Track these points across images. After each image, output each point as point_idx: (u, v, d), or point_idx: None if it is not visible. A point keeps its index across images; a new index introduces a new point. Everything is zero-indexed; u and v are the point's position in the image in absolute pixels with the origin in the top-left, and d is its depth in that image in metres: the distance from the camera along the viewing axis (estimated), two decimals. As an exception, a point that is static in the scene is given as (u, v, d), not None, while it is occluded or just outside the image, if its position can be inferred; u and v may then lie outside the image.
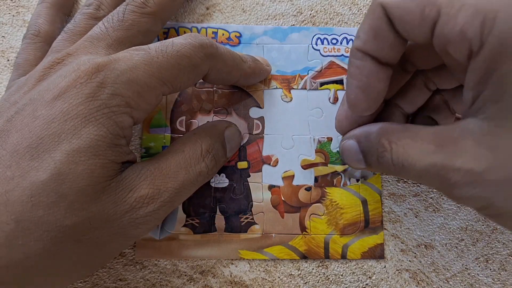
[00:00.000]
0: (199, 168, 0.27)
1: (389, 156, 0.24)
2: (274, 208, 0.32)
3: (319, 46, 0.35)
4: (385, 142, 0.24)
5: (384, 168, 0.25)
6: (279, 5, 0.35)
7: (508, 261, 0.32)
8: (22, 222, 0.21)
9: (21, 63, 0.30)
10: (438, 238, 0.32)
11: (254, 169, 0.33)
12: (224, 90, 0.34)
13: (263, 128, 0.33)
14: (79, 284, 0.31)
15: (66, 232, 0.21)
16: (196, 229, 0.32)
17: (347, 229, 0.32)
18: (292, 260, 0.32)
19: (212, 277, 0.31)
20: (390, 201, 0.33)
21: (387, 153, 0.24)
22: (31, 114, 0.22)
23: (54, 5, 0.33)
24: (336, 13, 0.35)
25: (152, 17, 0.29)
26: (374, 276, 0.31)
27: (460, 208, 0.32)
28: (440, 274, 0.32)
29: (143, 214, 0.24)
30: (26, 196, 0.21)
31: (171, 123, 0.33)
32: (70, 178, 0.21)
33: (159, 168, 0.25)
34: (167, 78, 0.25)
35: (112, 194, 0.23)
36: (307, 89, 0.34)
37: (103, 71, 0.23)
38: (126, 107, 0.23)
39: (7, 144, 0.22)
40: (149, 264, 0.31)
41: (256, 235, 0.32)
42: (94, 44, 0.27)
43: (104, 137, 0.23)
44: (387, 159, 0.24)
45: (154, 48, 0.25)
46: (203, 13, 0.35)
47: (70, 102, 0.22)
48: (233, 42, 0.35)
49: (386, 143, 0.24)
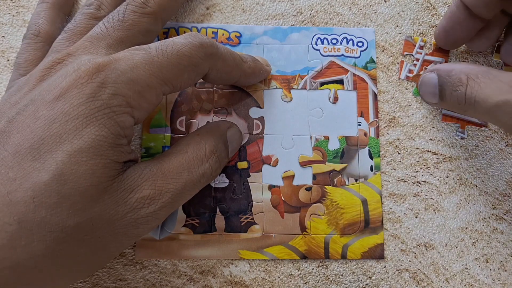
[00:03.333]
0: (202, 169, 0.27)
1: (463, 90, 0.27)
2: (274, 208, 0.32)
3: (319, 46, 0.35)
4: (464, 77, 0.27)
5: (455, 102, 0.28)
6: (279, 5, 0.35)
7: (508, 261, 0.32)
8: (25, 223, 0.21)
9: (21, 63, 0.30)
10: (438, 238, 0.32)
11: (254, 169, 0.33)
12: (224, 90, 0.34)
13: (263, 128, 0.33)
14: (79, 284, 0.31)
15: (69, 233, 0.21)
16: (196, 229, 0.32)
17: (347, 229, 0.32)
18: (292, 260, 0.32)
19: (212, 277, 0.31)
20: (390, 201, 0.33)
21: (462, 87, 0.27)
22: (32, 115, 0.22)
23: (54, 5, 0.33)
24: (336, 13, 0.35)
25: (152, 17, 0.29)
26: (374, 276, 0.32)
27: (460, 208, 0.32)
28: (440, 274, 0.32)
29: (144, 215, 0.24)
30: (29, 197, 0.21)
31: (171, 123, 0.33)
32: (72, 178, 0.21)
33: (161, 168, 0.25)
34: (167, 77, 0.25)
35: (114, 194, 0.23)
36: (307, 89, 0.34)
37: (103, 71, 0.23)
38: (127, 107, 0.23)
39: (9, 145, 0.22)
40: (149, 264, 0.31)
41: (256, 235, 0.32)
42: (95, 44, 0.26)
43: (106, 137, 0.23)
44: (460, 93, 0.27)
45: (154, 47, 0.25)
46: (203, 13, 0.35)
47: (71, 102, 0.22)
48: (233, 42, 0.35)
49: (464, 78, 0.27)
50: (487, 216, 0.32)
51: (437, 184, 0.33)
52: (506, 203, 0.33)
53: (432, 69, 0.31)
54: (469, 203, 0.33)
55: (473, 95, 0.27)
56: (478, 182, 0.33)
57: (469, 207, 0.33)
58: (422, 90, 0.32)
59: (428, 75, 0.31)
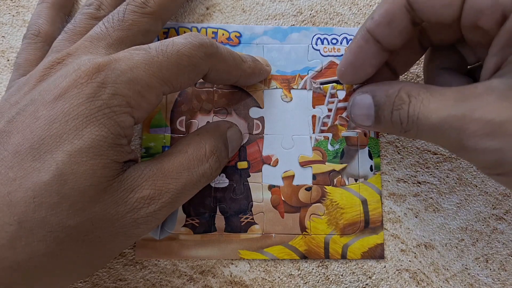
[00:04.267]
0: (202, 169, 0.27)
1: (406, 108, 0.25)
2: (274, 208, 0.32)
3: (319, 46, 0.35)
4: (405, 96, 0.25)
5: (394, 122, 0.26)
6: (279, 5, 0.35)
7: (508, 261, 0.32)
8: (25, 223, 0.21)
9: (21, 63, 0.30)
10: (438, 238, 0.32)
11: (254, 169, 0.33)
12: (224, 90, 0.34)
13: (263, 128, 0.33)
14: (79, 284, 0.31)
15: (69, 233, 0.22)
16: (196, 229, 0.32)
17: (347, 229, 0.32)
18: (292, 260, 0.32)
19: (212, 277, 0.31)
20: (390, 201, 0.33)
21: (405, 105, 0.25)
22: (32, 115, 0.22)
23: (54, 5, 0.33)
24: (336, 13, 0.35)
25: (152, 17, 0.29)
26: (374, 276, 0.32)
27: (460, 208, 0.32)
28: (440, 274, 0.32)
29: (144, 215, 0.24)
30: (29, 197, 0.21)
31: (171, 123, 0.33)
32: (72, 178, 0.21)
33: (161, 168, 0.25)
34: (167, 77, 0.25)
35: (114, 194, 0.23)
36: (307, 89, 0.34)
37: (103, 71, 0.23)
38: (127, 106, 0.23)
39: (9, 145, 0.22)
40: (149, 264, 0.31)
41: (256, 235, 0.32)
42: (94, 44, 0.26)
43: (106, 137, 0.23)
44: (403, 112, 0.25)
45: (154, 47, 0.25)
46: (203, 13, 0.35)
47: (71, 102, 0.22)
48: (233, 42, 0.35)
49: (405, 97, 0.25)
50: (487, 216, 0.32)
51: (437, 184, 0.33)
52: (506, 203, 0.33)
53: (365, 90, 0.28)
54: (469, 203, 0.33)
55: (416, 113, 0.24)
56: (478, 182, 0.33)
57: (469, 207, 0.33)
58: (354, 113, 0.29)
59: (360, 96, 0.28)
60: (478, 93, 0.22)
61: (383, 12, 0.26)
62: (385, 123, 0.27)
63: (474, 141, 0.22)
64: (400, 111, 0.25)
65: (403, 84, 0.26)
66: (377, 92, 0.27)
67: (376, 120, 0.27)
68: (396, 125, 0.26)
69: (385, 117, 0.26)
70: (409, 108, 0.25)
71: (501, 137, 0.21)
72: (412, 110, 0.24)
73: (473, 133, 0.22)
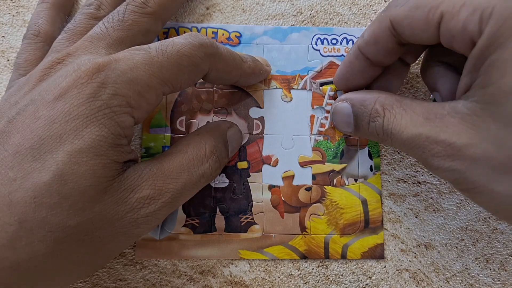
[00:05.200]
0: (202, 169, 0.27)
1: (381, 121, 0.27)
2: (274, 208, 0.32)
3: (319, 46, 0.35)
4: (380, 108, 0.27)
5: (371, 133, 0.28)
6: (279, 5, 0.35)
7: (508, 261, 0.32)
8: (26, 223, 0.21)
9: (21, 63, 0.30)
10: (438, 238, 0.32)
11: (254, 169, 0.33)
12: (224, 90, 0.34)
13: (263, 128, 0.33)
14: (79, 284, 0.31)
15: (69, 233, 0.22)
16: (196, 229, 0.32)
17: (347, 229, 0.32)
18: (292, 260, 0.32)
19: (212, 277, 0.31)
20: (390, 201, 0.33)
21: (380, 119, 0.27)
22: (32, 115, 0.22)
23: (54, 5, 0.33)
24: (336, 13, 0.35)
25: (152, 17, 0.29)
26: (374, 276, 0.32)
27: (460, 208, 0.32)
28: (440, 274, 0.32)
29: (144, 215, 0.24)
30: (29, 197, 0.21)
31: (171, 123, 0.33)
32: (72, 179, 0.21)
33: (161, 168, 0.25)
34: (167, 77, 0.25)
35: (114, 194, 0.23)
36: (307, 89, 0.34)
37: (103, 71, 0.23)
38: (127, 107, 0.23)
39: (9, 145, 0.22)
40: (149, 264, 0.31)
41: (256, 235, 0.32)
42: (95, 44, 0.26)
43: (106, 137, 0.23)
44: (378, 124, 0.27)
45: (154, 47, 0.25)
46: (203, 13, 0.35)
47: (71, 102, 0.22)
48: (233, 42, 0.35)
49: (380, 110, 0.27)
50: (487, 216, 0.32)
51: (437, 184, 0.33)
52: (506, 203, 0.33)
53: (345, 98, 0.30)
54: (469, 203, 0.33)
55: (389, 127, 0.26)
56: (478, 182, 0.33)
57: (469, 207, 0.33)
58: (336, 120, 0.31)
59: (340, 104, 0.30)
60: (443, 114, 0.24)
61: (371, 32, 0.27)
62: (364, 132, 0.29)
63: (437, 160, 0.24)
64: (376, 124, 0.27)
65: (378, 96, 0.27)
66: (355, 101, 0.29)
67: (356, 128, 0.29)
68: (373, 135, 0.28)
69: (363, 126, 0.28)
70: (383, 122, 0.26)
71: (460, 160, 0.23)
72: (386, 124, 0.26)
73: (436, 153, 0.24)
